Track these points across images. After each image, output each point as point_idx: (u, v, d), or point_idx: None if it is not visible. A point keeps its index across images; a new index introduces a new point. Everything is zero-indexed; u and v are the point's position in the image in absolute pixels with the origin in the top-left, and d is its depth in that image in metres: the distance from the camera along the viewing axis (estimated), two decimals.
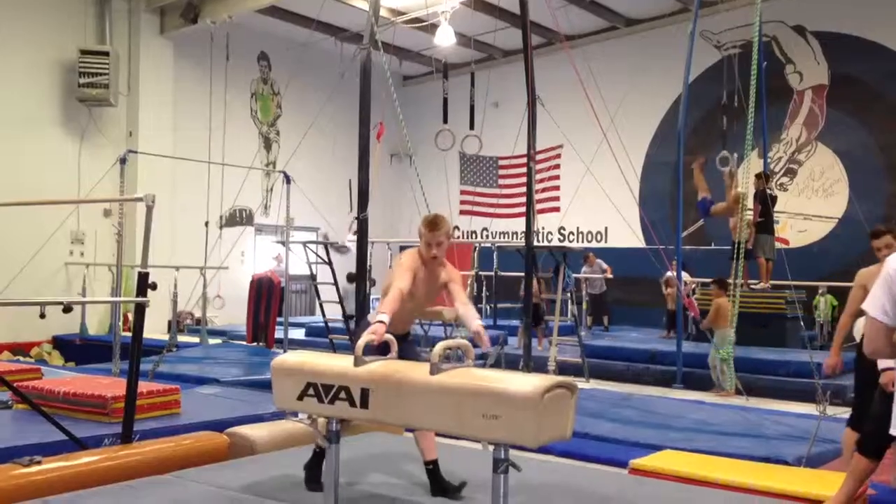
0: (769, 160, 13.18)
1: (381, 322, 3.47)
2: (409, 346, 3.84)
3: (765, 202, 10.61)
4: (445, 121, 11.87)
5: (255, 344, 11.54)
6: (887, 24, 13.32)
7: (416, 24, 14.25)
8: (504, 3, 13.00)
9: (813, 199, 14.13)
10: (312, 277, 11.09)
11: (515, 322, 11.89)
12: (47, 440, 4.25)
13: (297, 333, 12.70)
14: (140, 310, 4.27)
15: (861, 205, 12.08)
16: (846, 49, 13.76)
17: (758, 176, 10.69)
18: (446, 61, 12.56)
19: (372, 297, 13.66)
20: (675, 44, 12.57)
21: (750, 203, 10.38)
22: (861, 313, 5.07)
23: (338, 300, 10.31)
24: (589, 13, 15.22)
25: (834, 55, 13.99)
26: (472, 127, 12.18)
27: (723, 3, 12.43)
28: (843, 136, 13.80)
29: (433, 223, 3.74)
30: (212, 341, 11.97)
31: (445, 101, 11.92)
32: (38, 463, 3.65)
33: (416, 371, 3.03)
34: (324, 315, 10.81)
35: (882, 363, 3.87)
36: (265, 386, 5.90)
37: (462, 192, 15.12)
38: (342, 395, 3.11)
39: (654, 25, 15.64)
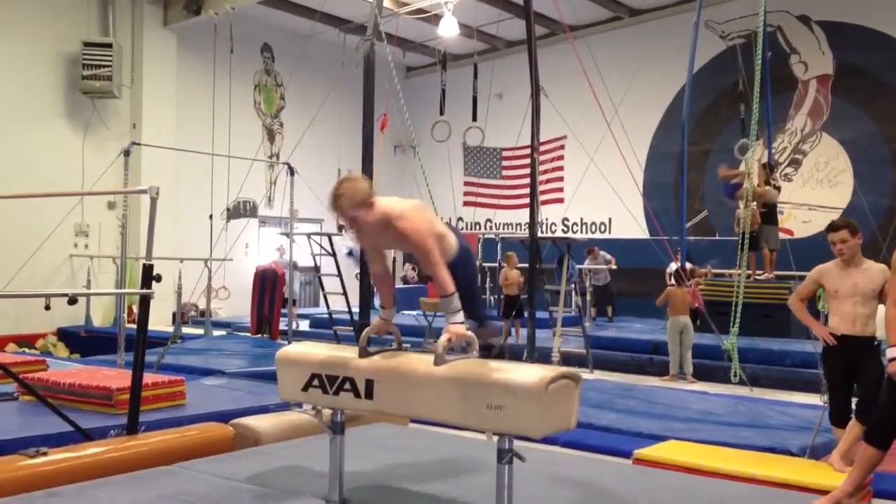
0: (774, 150, 13.14)
1: (380, 318, 3.48)
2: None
3: None
4: (442, 112, 11.86)
5: (259, 335, 11.56)
6: (893, 13, 13.25)
7: (420, 15, 14.22)
8: None
9: (817, 189, 14.09)
10: (316, 269, 11.10)
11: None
12: (53, 431, 4.26)
13: (302, 325, 12.72)
14: (145, 302, 4.27)
15: (866, 195, 12.04)
16: (851, 39, 13.69)
17: (762, 166, 10.67)
18: (445, 52, 12.55)
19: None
20: (679, 34, 12.52)
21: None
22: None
23: (342, 292, 10.33)
24: (593, 3, 15.16)
25: (839, 45, 13.92)
26: (474, 118, 12.17)
27: None
28: (848, 126, 13.75)
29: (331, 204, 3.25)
30: (216, 333, 11.99)
31: (443, 91, 11.91)
32: (45, 454, 3.66)
33: (420, 362, 3.03)
34: (328, 306, 10.82)
35: (890, 353, 3.87)
36: (270, 377, 5.91)
37: (466, 184, 15.10)
38: (347, 386, 3.11)
39: (658, 15, 15.58)
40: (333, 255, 10.49)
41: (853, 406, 4.92)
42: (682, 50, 10.84)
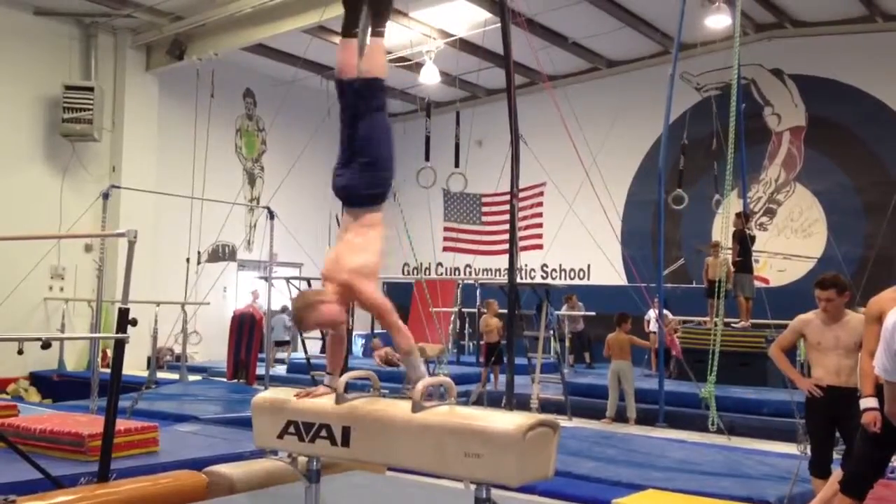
0: (749, 200, 13.35)
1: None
2: None
3: (743, 241, 10.73)
4: (427, 158, 11.96)
5: (235, 381, 11.43)
6: (862, 68, 13.64)
7: (402, 63, 14.41)
8: (488, 43, 13.19)
9: (792, 238, 14.31)
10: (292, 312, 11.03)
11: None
12: (23, 479, 4.17)
13: (279, 370, 12.59)
14: (119, 346, 4.23)
15: (839, 245, 12.24)
16: (823, 92, 14.05)
17: (737, 215, 10.83)
18: (429, 100, 12.70)
19: (354, 333, 13.52)
20: (655, 85, 12.78)
21: (729, 243, 10.50)
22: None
23: (320, 336, 10.27)
24: (571, 54, 15.46)
25: (811, 98, 14.28)
26: (457, 165, 12.28)
27: (702, 45, 12.69)
28: (820, 177, 14.03)
29: None
30: (191, 378, 11.83)
31: (428, 138, 12.02)
32: (13, 502, 3.59)
33: (397, 409, 3.01)
34: (305, 351, 10.75)
35: (864, 403, 3.90)
36: (245, 424, 5.81)
37: (446, 229, 15.16)
38: (323, 433, 3.09)
39: (634, 67, 15.92)
40: None
41: (835, 456, 4.91)
42: (658, 101, 11.05)
